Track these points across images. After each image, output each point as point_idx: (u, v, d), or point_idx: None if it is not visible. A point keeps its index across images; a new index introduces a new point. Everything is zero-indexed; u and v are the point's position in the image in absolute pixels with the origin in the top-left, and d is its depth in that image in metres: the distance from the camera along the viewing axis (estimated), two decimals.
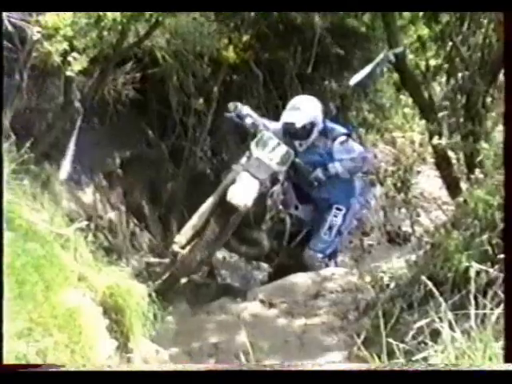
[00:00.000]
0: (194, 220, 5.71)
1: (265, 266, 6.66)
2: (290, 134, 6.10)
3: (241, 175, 5.79)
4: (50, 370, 3.19)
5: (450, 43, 6.28)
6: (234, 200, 5.63)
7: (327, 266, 6.30)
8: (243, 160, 5.91)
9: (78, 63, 4.96)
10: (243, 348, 4.31)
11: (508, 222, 3.51)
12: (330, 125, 6.24)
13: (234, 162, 5.98)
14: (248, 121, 6.12)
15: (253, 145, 5.94)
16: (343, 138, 6.17)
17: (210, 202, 5.74)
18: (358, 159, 6.16)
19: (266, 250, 6.22)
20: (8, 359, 3.18)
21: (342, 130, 6.27)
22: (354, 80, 6.79)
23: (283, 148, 5.97)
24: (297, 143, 6.13)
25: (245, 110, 6.17)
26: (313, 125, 6.10)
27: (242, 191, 5.68)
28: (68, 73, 5.00)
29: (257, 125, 6.12)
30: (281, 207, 6.17)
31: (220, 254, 6.57)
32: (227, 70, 6.96)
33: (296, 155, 6.06)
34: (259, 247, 6.17)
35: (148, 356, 4.37)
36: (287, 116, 6.11)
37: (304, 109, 6.11)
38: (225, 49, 6.69)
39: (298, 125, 6.05)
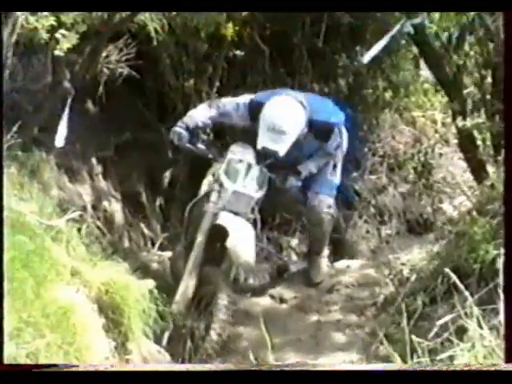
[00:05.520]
0: (185, 282, 5.15)
1: (274, 258, 6.65)
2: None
3: (222, 218, 5.21)
4: (51, 370, 3.21)
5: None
6: (242, 260, 5.17)
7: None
8: (214, 197, 5.32)
9: (66, 41, 4.95)
10: (252, 347, 4.34)
11: (507, 220, 3.51)
12: (316, 118, 5.55)
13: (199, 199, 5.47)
14: (200, 146, 5.54)
15: (222, 176, 5.36)
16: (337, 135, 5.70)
17: (193, 258, 5.19)
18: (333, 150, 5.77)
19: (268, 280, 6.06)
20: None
21: (334, 120, 5.70)
22: (368, 57, 6.73)
23: (256, 168, 5.42)
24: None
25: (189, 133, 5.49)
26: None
27: (244, 245, 5.18)
28: (56, 52, 4.99)
29: (215, 149, 5.59)
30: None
31: None
32: (230, 45, 6.92)
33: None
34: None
35: (149, 357, 4.38)
36: (266, 140, 5.33)
37: (290, 130, 5.36)
38: (225, 22, 6.61)
39: (282, 153, 5.36)
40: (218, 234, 5.22)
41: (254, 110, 5.53)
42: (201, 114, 5.61)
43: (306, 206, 5.82)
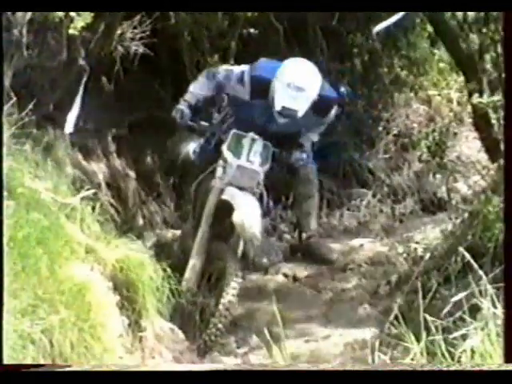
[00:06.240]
0: (194, 259, 5.15)
1: (288, 237, 6.65)
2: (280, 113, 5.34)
3: (228, 193, 5.18)
4: (51, 369, 3.21)
5: None
6: (249, 234, 5.06)
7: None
8: (219, 172, 5.29)
9: (81, 19, 4.93)
10: (265, 325, 4.35)
11: (507, 219, 3.49)
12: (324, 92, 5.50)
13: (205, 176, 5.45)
14: (202, 123, 5.49)
15: (225, 151, 5.31)
16: (335, 109, 5.69)
17: (200, 234, 5.20)
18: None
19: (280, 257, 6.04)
20: (11, 339, 3.20)
21: (333, 94, 5.68)
22: (378, 28, 6.66)
23: (259, 143, 5.34)
24: (277, 115, 5.38)
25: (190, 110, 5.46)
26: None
27: (251, 219, 5.09)
28: (71, 30, 4.98)
29: (219, 126, 5.53)
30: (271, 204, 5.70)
31: None
32: (244, 23, 6.89)
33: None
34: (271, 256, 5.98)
35: (162, 334, 4.40)
36: (286, 98, 5.26)
37: (309, 88, 5.31)
38: None
39: (301, 113, 5.32)
40: (225, 210, 5.20)
41: (258, 86, 5.47)
42: (200, 87, 5.58)
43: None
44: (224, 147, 5.34)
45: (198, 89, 5.59)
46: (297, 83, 5.29)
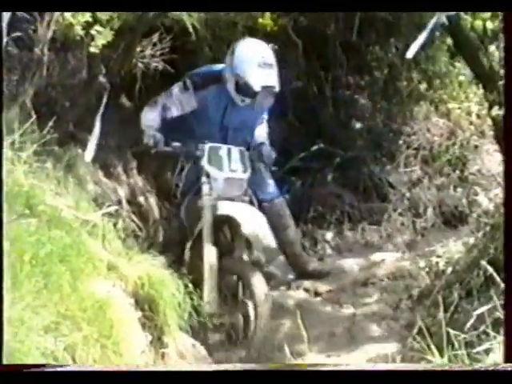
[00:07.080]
0: (208, 281, 5.01)
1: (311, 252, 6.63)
2: (242, 90, 5.36)
3: (224, 207, 5.13)
4: (51, 369, 3.22)
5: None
6: (264, 243, 5.07)
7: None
8: (205, 189, 5.23)
9: (101, 37, 4.97)
10: (287, 340, 4.34)
11: (507, 221, 3.48)
12: None
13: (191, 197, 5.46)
14: (174, 144, 5.43)
15: (207, 166, 5.26)
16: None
17: (207, 254, 5.07)
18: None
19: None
20: (34, 356, 3.21)
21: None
22: (412, 52, 6.67)
23: (236, 150, 5.35)
24: (238, 98, 5.43)
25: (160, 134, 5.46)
26: None
27: (260, 226, 5.11)
28: (92, 49, 5.02)
29: (191, 143, 5.39)
30: None
31: None
32: (263, 38, 6.91)
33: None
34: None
35: (184, 351, 4.40)
36: (261, 77, 5.26)
37: (274, 63, 5.35)
38: (260, 15, 6.61)
39: (277, 88, 5.34)
40: (224, 224, 5.20)
41: (199, 81, 5.60)
42: (150, 113, 5.67)
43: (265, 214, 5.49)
44: (204, 163, 5.29)
45: (151, 115, 5.67)
46: (266, 60, 5.32)
